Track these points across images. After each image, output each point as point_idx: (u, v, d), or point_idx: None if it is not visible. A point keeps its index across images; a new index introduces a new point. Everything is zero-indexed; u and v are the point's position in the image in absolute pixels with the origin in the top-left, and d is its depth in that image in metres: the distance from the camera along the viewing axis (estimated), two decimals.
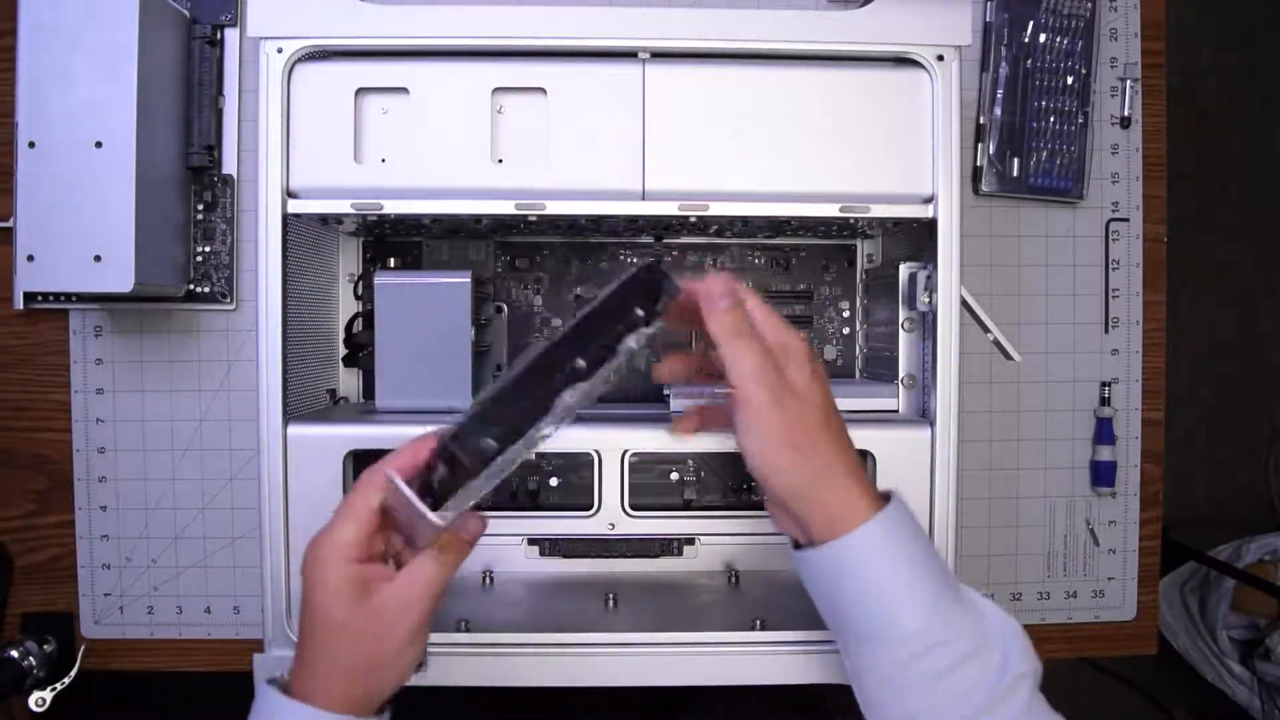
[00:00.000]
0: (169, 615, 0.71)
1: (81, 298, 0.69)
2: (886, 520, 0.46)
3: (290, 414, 0.57)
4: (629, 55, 0.57)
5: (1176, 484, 1.50)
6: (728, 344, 0.45)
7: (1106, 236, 0.74)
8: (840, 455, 0.47)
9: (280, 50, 0.56)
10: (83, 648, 0.70)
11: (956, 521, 0.57)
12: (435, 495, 0.44)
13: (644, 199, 0.57)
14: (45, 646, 0.68)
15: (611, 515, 0.71)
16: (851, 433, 0.58)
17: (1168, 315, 0.74)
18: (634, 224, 0.65)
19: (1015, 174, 0.72)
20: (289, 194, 0.57)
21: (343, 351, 0.71)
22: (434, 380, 0.61)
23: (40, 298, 0.69)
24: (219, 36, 0.70)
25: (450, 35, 0.56)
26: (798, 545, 0.49)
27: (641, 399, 0.72)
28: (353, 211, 0.57)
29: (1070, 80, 0.72)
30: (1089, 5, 0.72)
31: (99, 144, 0.60)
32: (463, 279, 0.62)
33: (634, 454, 0.71)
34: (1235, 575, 1.33)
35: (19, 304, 0.69)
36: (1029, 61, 0.72)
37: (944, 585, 0.46)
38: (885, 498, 0.48)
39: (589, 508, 0.71)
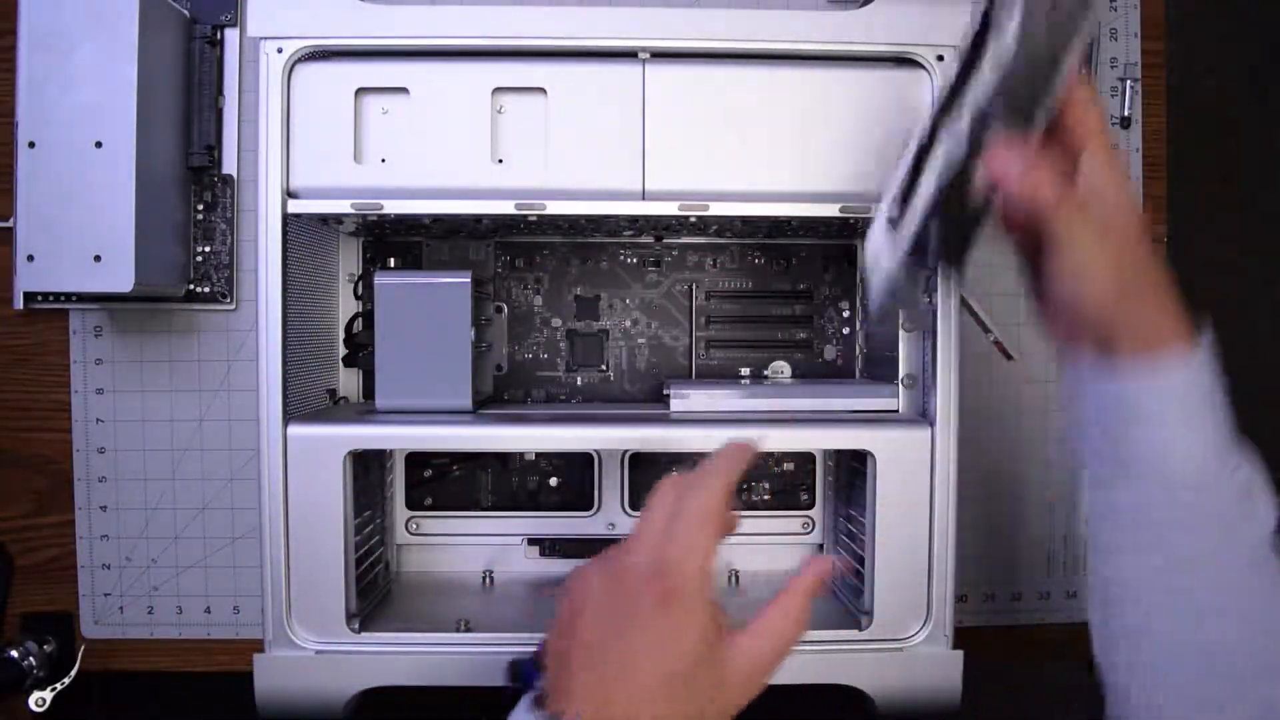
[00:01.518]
0: (169, 615, 0.71)
1: (81, 298, 0.69)
2: (1207, 353, 0.42)
3: (290, 414, 0.57)
4: (629, 55, 0.57)
5: None
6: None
7: None
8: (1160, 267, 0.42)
9: (280, 50, 0.56)
10: (83, 648, 0.70)
11: (956, 521, 0.57)
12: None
13: (644, 199, 0.57)
14: (45, 646, 0.68)
15: (611, 515, 0.71)
16: (852, 432, 0.59)
17: None
18: (634, 224, 0.65)
19: None
20: (289, 194, 0.57)
21: (343, 351, 0.71)
22: (434, 380, 0.61)
23: (40, 298, 0.69)
24: (219, 36, 0.70)
25: (450, 35, 0.56)
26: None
27: (642, 399, 0.73)
28: (353, 211, 0.57)
29: None
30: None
31: (99, 144, 0.60)
32: (463, 279, 0.62)
33: (634, 454, 0.71)
34: None
35: (19, 304, 0.69)
36: None
37: (1226, 430, 0.43)
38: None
39: (589, 508, 0.72)
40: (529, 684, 0.41)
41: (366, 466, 0.65)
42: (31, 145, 0.60)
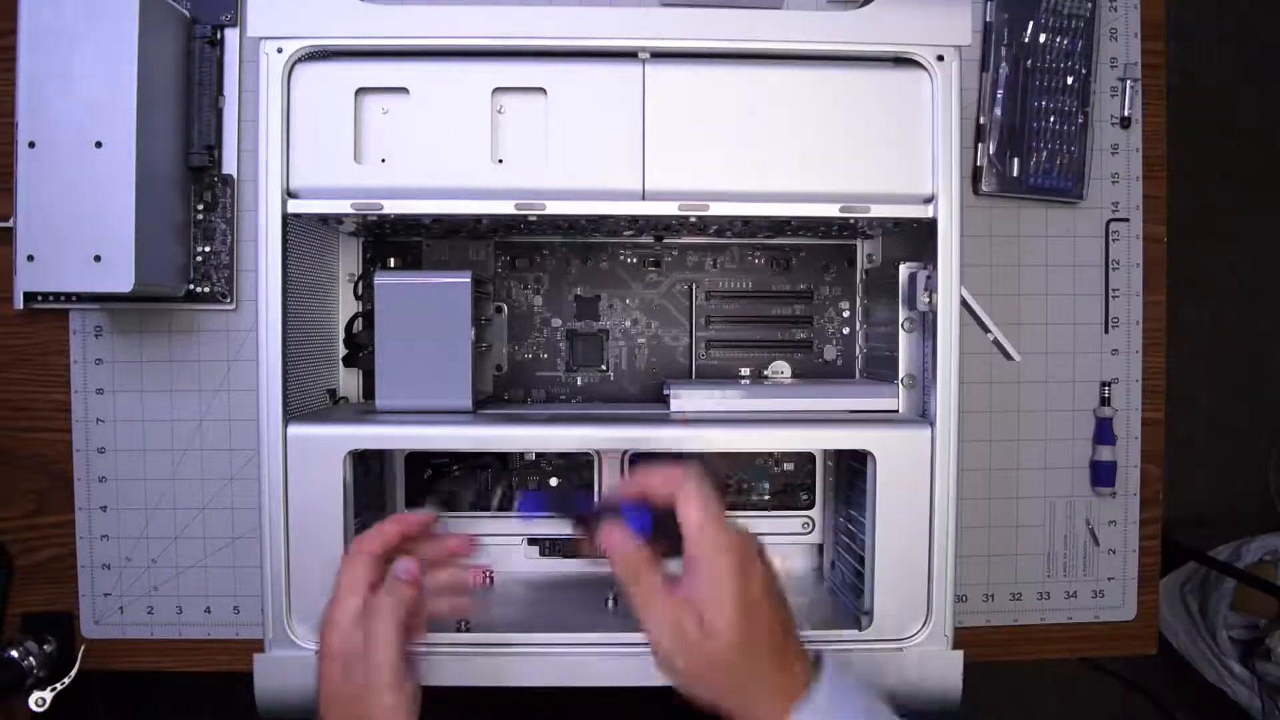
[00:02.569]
0: (169, 615, 0.71)
1: (81, 298, 0.69)
2: (829, 683, 0.45)
3: (290, 414, 0.57)
4: (629, 55, 0.57)
5: (1176, 484, 1.50)
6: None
7: (1106, 236, 0.74)
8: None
9: (280, 50, 0.56)
10: (83, 648, 0.70)
11: (956, 521, 0.57)
12: None
13: (644, 199, 0.57)
14: (45, 646, 0.68)
15: None
16: (852, 432, 0.59)
17: (1168, 315, 0.74)
18: (634, 224, 0.65)
19: (1015, 174, 0.72)
20: (289, 194, 0.57)
21: (343, 351, 0.71)
22: (434, 380, 0.61)
23: (40, 298, 0.69)
24: (219, 36, 0.70)
25: (450, 35, 0.56)
26: None
27: (641, 399, 0.73)
28: (353, 211, 0.57)
29: (1070, 80, 0.72)
30: (1089, 5, 0.72)
31: (99, 144, 0.60)
32: (463, 279, 0.62)
33: (634, 454, 0.71)
34: (1235, 575, 1.33)
35: (19, 304, 0.69)
36: (1029, 61, 0.72)
37: None
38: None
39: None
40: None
41: (366, 466, 0.65)
42: (31, 145, 0.60)
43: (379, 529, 0.50)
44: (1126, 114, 0.73)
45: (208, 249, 0.70)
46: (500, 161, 0.57)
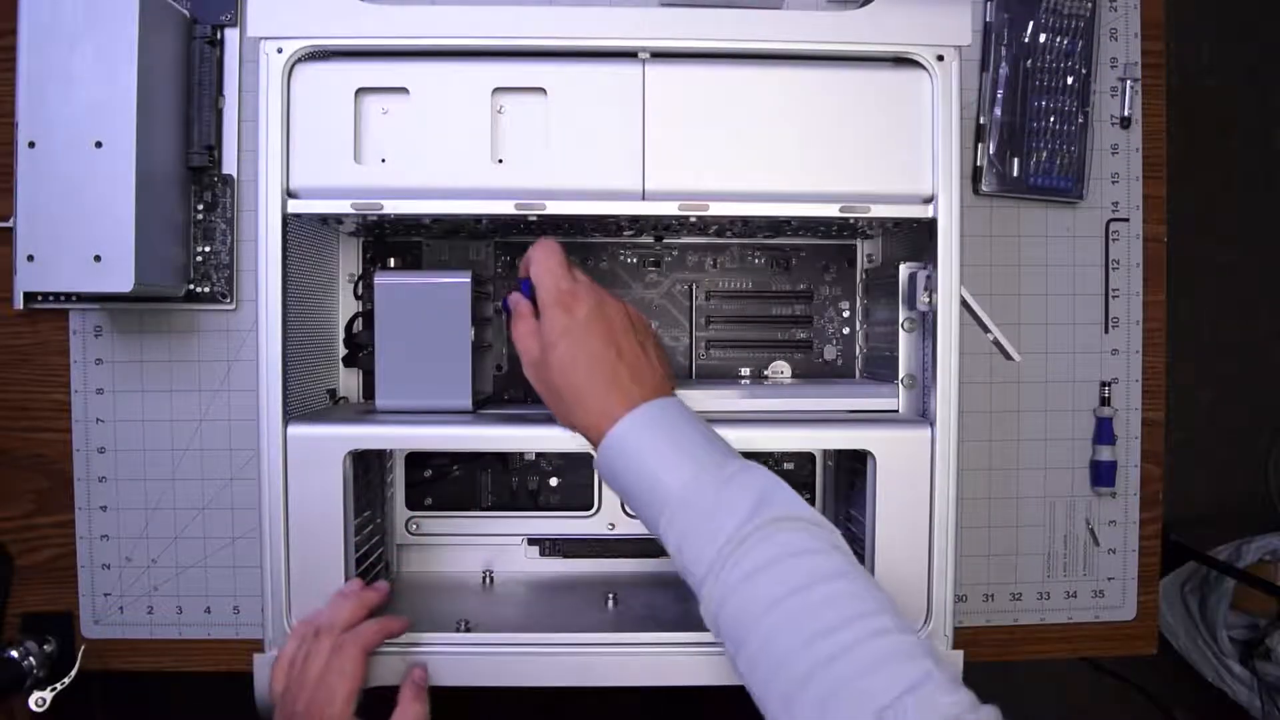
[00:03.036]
0: (169, 615, 0.71)
1: (81, 298, 0.69)
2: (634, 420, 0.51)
3: (290, 414, 0.57)
4: (629, 55, 0.57)
5: (1176, 484, 1.50)
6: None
7: (1106, 236, 0.74)
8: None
9: (280, 50, 0.56)
10: (83, 648, 0.70)
11: (956, 521, 0.57)
12: None
13: (644, 199, 0.57)
14: (45, 646, 0.68)
15: (611, 515, 0.72)
16: (852, 432, 0.59)
17: (1168, 315, 0.74)
18: (634, 224, 0.65)
19: (1015, 174, 0.72)
20: (289, 194, 0.57)
21: (343, 351, 0.71)
22: (434, 380, 0.61)
23: (40, 298, 0.69)
24: (219, 36, 0.70)
25: (450, 35, 0.56)
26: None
27: None
28: (353, 211, 0.57)
29: (1070, 80, 0.72)
30: (1089, 5, 0.72)
31: (99, 144, 0.60)
32: (463, 279, 0.62)
33: None
34: (1235, 575, 1.33)
35: (19, 304, 0.69)
36: (1029, 61, 0.72)
37: (703, 461, 0.50)
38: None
39: (589, 508, 0.72)
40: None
41: (366, 466, 0.65)
42: (31, 145, 0.60)
43: (345, 610, 0.56)
44: (1126, 114, 0.73)
45: (208, 249, 0.70)
46: (500, 161, 0.57)
